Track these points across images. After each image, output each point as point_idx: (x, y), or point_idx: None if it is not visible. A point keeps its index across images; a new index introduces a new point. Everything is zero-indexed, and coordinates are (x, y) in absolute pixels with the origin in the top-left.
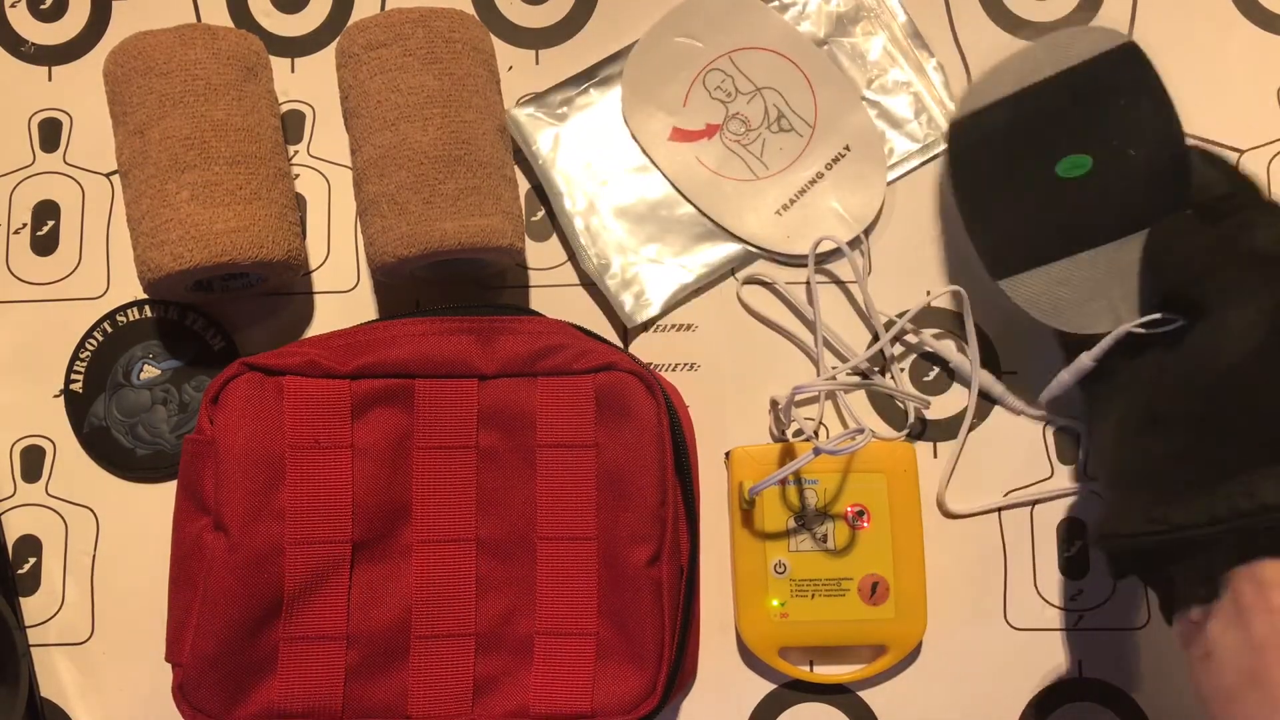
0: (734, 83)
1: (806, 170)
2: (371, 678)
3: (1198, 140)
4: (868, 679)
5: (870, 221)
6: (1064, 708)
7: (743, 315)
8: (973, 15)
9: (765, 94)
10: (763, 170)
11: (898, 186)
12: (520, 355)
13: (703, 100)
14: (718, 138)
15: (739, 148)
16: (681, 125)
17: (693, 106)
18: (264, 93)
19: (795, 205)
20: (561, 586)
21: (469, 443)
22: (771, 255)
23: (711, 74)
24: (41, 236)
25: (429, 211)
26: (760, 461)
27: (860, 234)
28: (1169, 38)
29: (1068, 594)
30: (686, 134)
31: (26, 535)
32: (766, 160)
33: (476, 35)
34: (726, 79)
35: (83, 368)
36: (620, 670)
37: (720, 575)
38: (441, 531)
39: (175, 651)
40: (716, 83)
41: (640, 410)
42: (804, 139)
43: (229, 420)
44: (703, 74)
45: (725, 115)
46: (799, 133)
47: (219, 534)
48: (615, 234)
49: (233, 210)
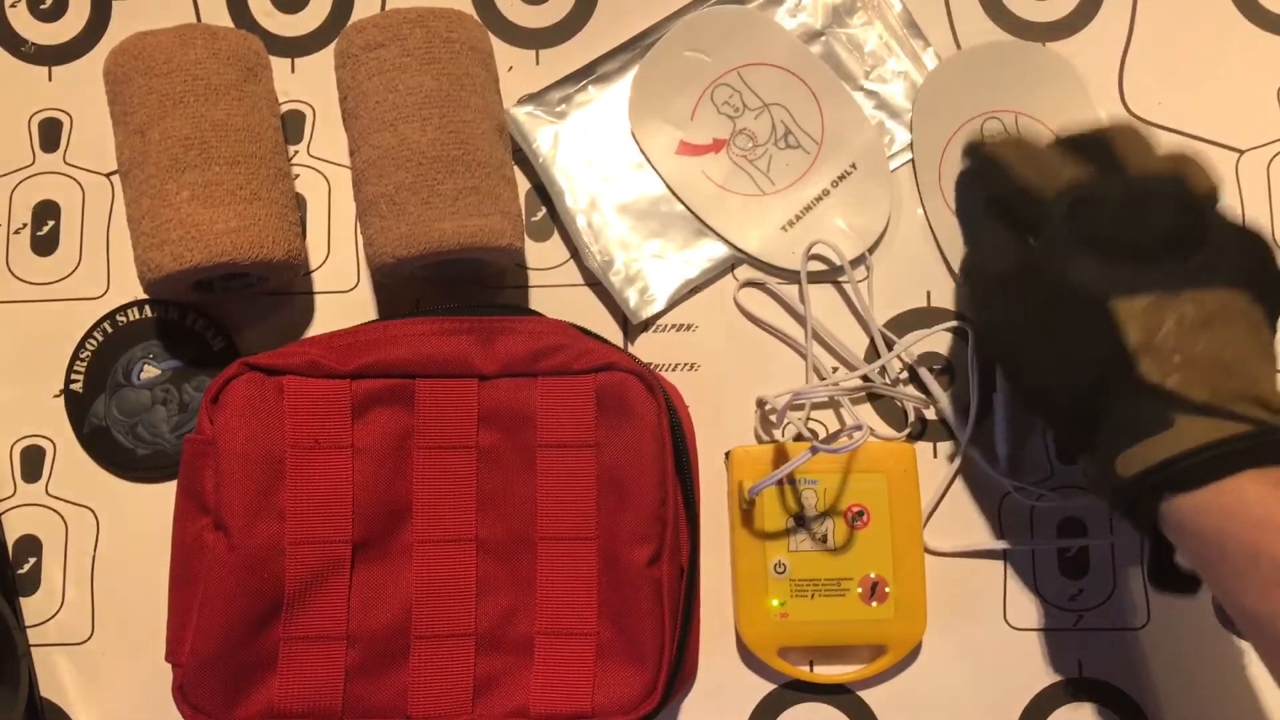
0: (742, 98)
1: (813, 187)
2: (371, 678)
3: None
4: (868, 679)
5: (876, 239)
6: (1064, 708)
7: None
8: (969, 4)
9: (773, 110)
10: (769, 186)
11: (898, 178)
12: (520, 355)
13: (710, 115)
14: (724, 152)
15: (745, 163)
16: (689, 139)
17: (700, 121)
18: (264, 93)
19: (801, 222)
20: (561, 586)
21: (469, 443)
22: (776, 270)
23: (720, 89)
24: (41, 236)
25: (428, 212)
26: (760, 461)
27: (865, 251)
28: (1169, 38)
29: (1067, 594)
30: (694, 148)
31: (26, 535)
32: (773, 176)
33: (475, 35)
34: (734, 94)
35: (83, 368)
36: (620, 670)
37: (720, 575)
38: (442, 531)
39: (175, 651)
40: (724, 98)
41: (640, 410)
42: (810, 156)
43: (229, 420)
44: (711, 88)
45: (733, 130)
46: (805, 150)
47: (219, 534)
48: (618, 230)
49: (233, 210)
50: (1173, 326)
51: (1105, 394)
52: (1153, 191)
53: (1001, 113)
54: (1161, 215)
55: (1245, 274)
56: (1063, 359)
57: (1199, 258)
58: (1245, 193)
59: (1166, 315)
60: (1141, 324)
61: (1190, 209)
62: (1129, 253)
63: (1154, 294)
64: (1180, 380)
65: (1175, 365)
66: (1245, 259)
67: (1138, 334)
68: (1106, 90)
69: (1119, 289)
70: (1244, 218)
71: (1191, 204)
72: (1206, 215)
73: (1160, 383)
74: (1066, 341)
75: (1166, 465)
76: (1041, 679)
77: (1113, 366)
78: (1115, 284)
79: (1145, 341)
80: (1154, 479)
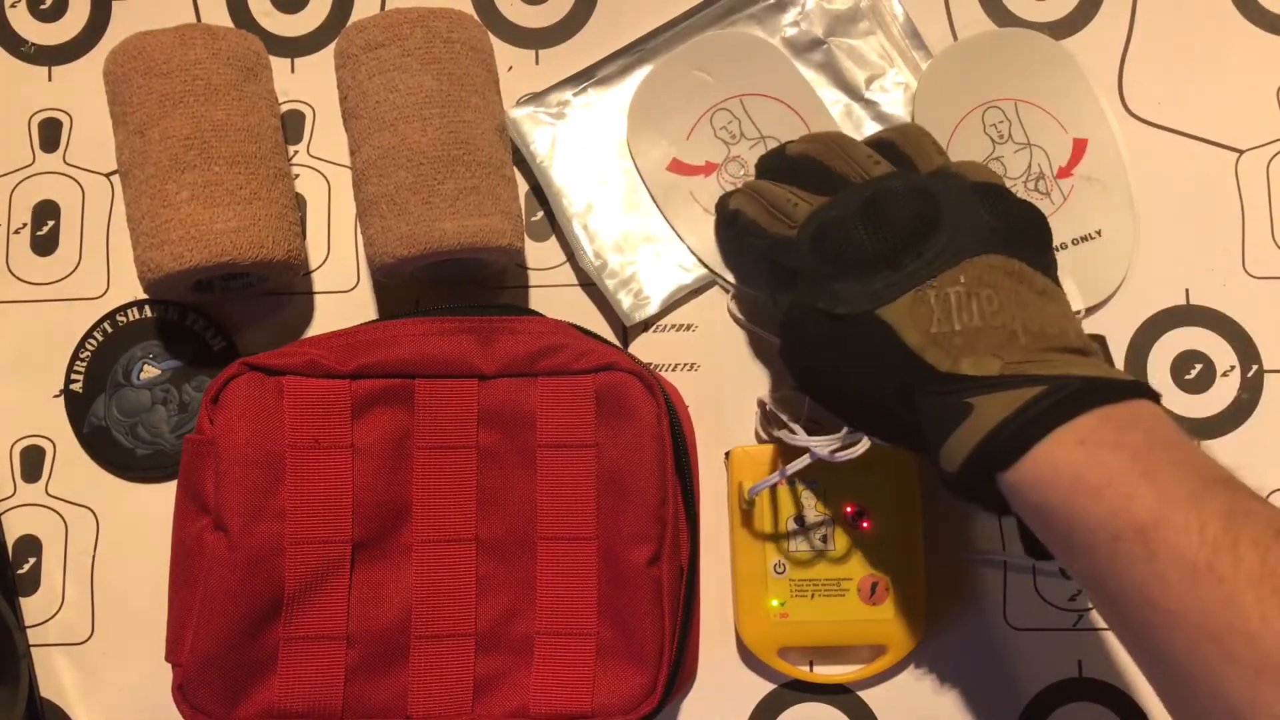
0: (740, 126)
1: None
2: (371, 678)
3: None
4: (868, 679)
5: None
6: (1064, 708)
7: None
8: (973, 14)
9: (768, 144)
10: None
11: None
12: (520, 355)
13: (707, 137)
14: (715, 176)
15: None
16: (682, 158)
17: (696, 141)
18: (264, 93)
19: None
20: (561, 586)
21: (469, 443)
22: (753, 297)
23: (720, 113)
24: (41, 236)
25: (428, 212)
26: (760, 462)
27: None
28: (1169, 38)
29: (1067, 594)
30: (685, 167)
31: (26, 535)
32: None
33: (475, 35)
34: (734, 120)
35: (83, 368)
36: (620, 670)
37: (720, 575)
38: (442, 531)
39: (175, 651)
40: (723, 123)
41: (640, 410)
42: None
43: (229, 420)
44: (711, 111)
45: (726, 156)
46: None
47: (219, 534)
48: (613, 233)
49: (233, 210)
50: (940, 313)
51: (914, 399)
52: (880, 193)
53: (1001, 101)
54: (896, 213)
55: (989, 235)
56: (866, 382)
57: (938, 237)
58: (1245, 193)
59: (928, 305)
60: (912, 321)
61: (920, 193)
62: (880, 261)
63: (912, 290)
64: (972, 362)
65: (959, 348)
66: (982, 218)
67: (912, 332)
68: (1106, 90)
69: (881, 299)
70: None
71: (920, 188)
72: (936, 192)
73: (953, 370)
74: (865, 368)
75: (977, 452)
76: (1041, 679)
77: (910, 372)
78: (876, 296)
79: (922, 336)
80: (974, 466)
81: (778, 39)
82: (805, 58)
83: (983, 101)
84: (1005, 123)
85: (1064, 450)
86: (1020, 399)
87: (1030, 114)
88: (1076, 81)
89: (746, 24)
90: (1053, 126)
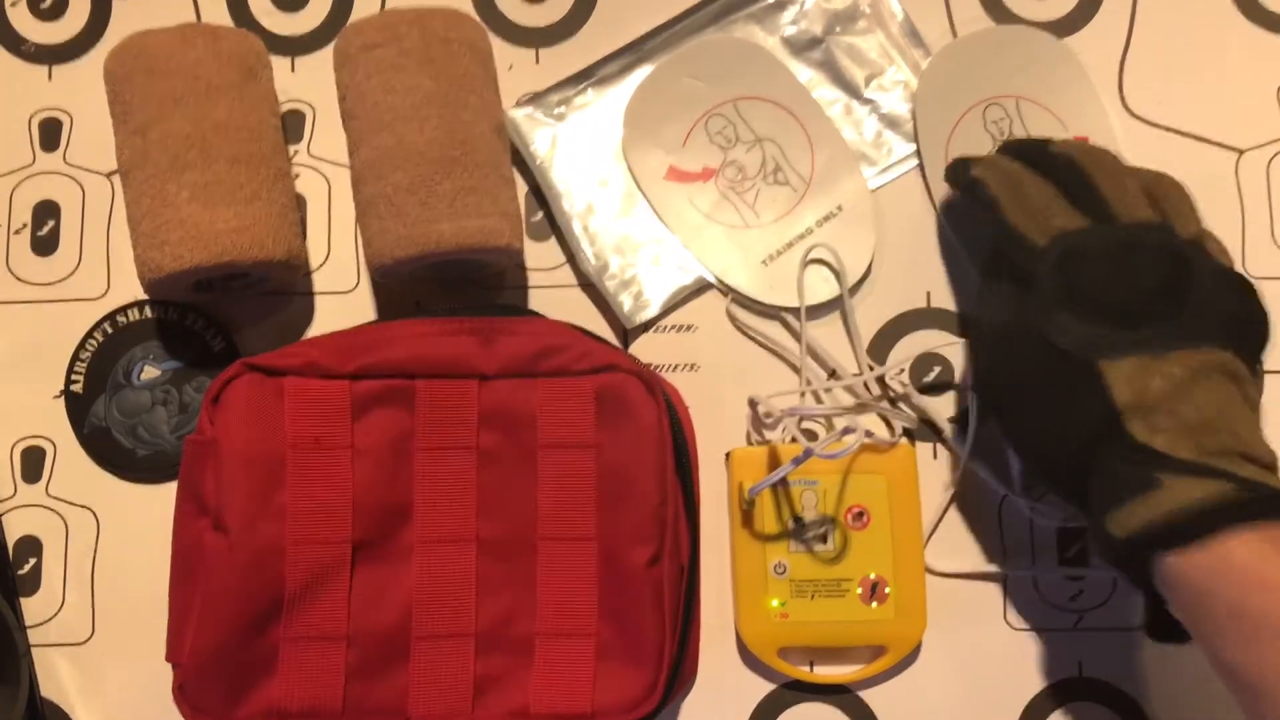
0: (735, 130)
1: (797, 225)
2: (372, 678)
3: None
4: (868, 679)
5: (856, 281)
6: (1064, 708)
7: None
8: (972, 13)
9: (765, 145)
10: (754, 220)
11: (897, 185)
12: (521, 356)
13: (703, 143)
14: (713, 182)
15: (733, 195)
16: (679, 165)
17: (692, 148)
18: (264, 92)
19: (781, 257)
20: (562, 587)
21: (470, 443)
22: (753, 303)
23: (714, 119)
24: (41, 237)
25: (426, 213)
26: (760, 462)
27: (844, 292)
28: (1169, 38)
29: (1067, 594)
30: (682, 174)
31: (27, 536)
32: (759, 210)
33: (473, 35)
34: (729, 125)
35: (83, 368)
36: (621, 671)
37: (720, 575)
38: (442, 532)
39: (175, 651)
40: (718, 128)
41: (641, 411)
42: (798, 194)
43: (229, 421)
44: (706, 117)
45: (723, 161)
46: (793, 187)
47: (219, 534)
48: (613, 235)
49: (233, 210)
50: (1160, 387)
51: (1095, 453)
52: (1140, 244)
53: (1003, 98)
54: (1150, 270)
55: (1228, 327)
56: (1054, 418)
57: (1185, 313)
58: (1245, 193)
59: (1153, 377)
60: (1129, 385)
61: (1178, 259)
62: (1118, 312)
63: (1141, 355)
64: (1167, 440)
65: (1162, 426)
66: (1228, 308)
67: (1126, 395)
68: (1107, 90)
69: (1107, 351)
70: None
71: (1179, 253)
72: (1193, 263)
73: (1148, 443)
74: (1057, 401)
75: (1153, 526)
76: (1041, 679)
77: (1102, 426)
78: (1103, 346)
79: (1134, 402)
80: (1142, 539)
81: (777, 38)
82: (804, 56)
83: (983, 98)
84: (1006, 120)
85: (1244, 545)
86: (1209, 489)
87: (1031, 111)
88: (1077, 78)
89: (746, 23)
90: (1053, 123)
